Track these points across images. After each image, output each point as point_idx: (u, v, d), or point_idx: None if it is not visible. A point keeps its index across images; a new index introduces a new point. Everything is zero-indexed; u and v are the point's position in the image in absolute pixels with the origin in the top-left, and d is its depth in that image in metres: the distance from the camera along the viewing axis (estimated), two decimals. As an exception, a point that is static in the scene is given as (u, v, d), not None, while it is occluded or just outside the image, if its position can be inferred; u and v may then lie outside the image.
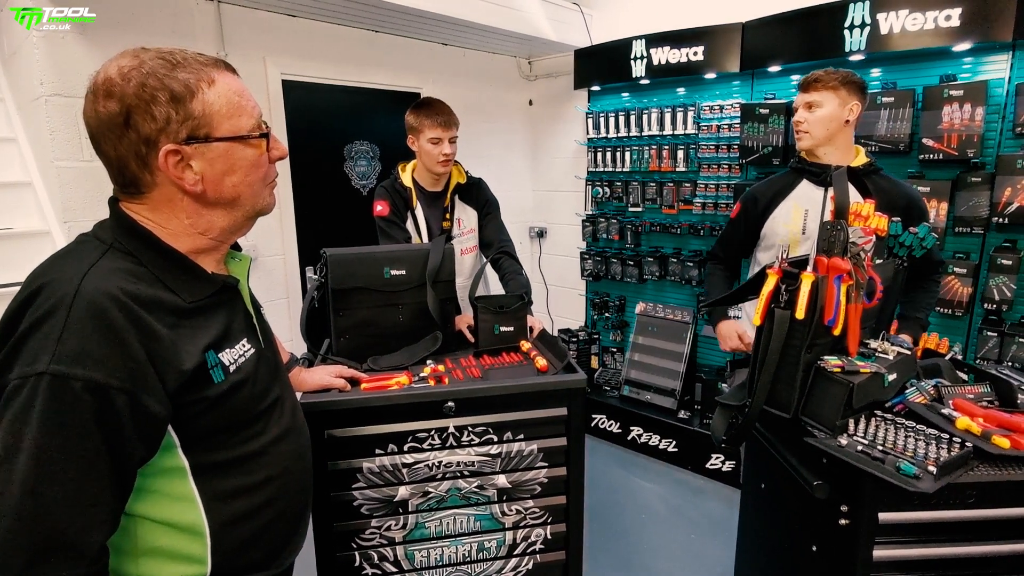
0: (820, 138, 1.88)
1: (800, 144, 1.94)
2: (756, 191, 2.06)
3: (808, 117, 1.88)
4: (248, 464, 0.89)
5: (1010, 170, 2.28)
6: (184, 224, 0.86)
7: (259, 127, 0.88)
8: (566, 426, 1.56)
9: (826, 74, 1.89)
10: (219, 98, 0.82)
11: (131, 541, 0.81)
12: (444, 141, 2.03)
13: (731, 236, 2.16)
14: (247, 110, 0.86)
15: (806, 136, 1.90)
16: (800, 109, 1.92)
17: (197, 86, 0.80)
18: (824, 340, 1.28)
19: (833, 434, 1.21)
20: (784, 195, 1.98)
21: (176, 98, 0.79)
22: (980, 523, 1.12)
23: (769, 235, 2.01)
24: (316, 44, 3.10)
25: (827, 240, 1.25)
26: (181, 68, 0.80)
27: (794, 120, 1.94)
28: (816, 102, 1.87)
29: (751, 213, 2.05)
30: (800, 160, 1.99)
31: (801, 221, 1.94)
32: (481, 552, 1.58)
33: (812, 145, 1.90)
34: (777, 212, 1.98)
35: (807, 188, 1.96)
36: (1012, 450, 1.12)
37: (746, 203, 2.07)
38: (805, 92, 1.91)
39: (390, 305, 1.70)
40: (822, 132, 1.87)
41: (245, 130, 0.86)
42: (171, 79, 0.78)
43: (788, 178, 2.02)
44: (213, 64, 0.84)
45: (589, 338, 3.84)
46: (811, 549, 1.27)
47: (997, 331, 2.40)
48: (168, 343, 0.77)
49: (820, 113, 1.86)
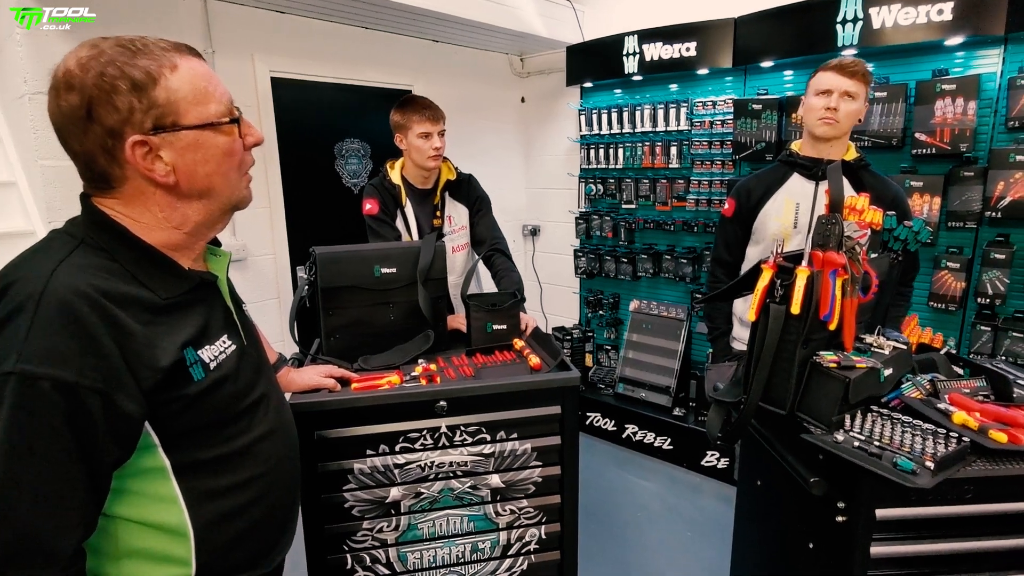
0: (845, 130, 1.81)
1: (821, 130, 1.82)
2: (747, 185, 2.02)
3: (843, 107, 1.77)
4: (232, 463, 0.87)
5: (1003, 164, 2.28)
6: (158, 218, 0.83)
7: (229, 112, 0.85)
8: (560, 424, 1.54)
9: (866, 66, 1.80)
10: (183, 84, 0.79)
11: (112, 543, 0.79)
12: (434, 135, 2.01)
13: (732, 234, 2.07)
14: (215, 95, 0.83)
15: (835, 127, 1.79)
16: (836, 95, 1.78)
17: (159, 73, 0.77)
18: (820, 335, 1.27)
19: (829, 430, 1.19)
20: (775, 189, 1.95)
21: (138, 86, 0.76)
22: (978, 518, 1.11)
23: (760, 229, 1.98)
24: (305, 41, 3.06)
25: (822, 234, 1.23)
26: (141, 55, 0.77)
27: (827, 105, 1.79)
28: (855, 93, 1.78)
29: (744, 207, 2.01)
30: (791, 153, 1.96)
31: (792, 215, 1.91)
32: (475, 553, 1.56)
33: (835, 135, 1.82)
34: (769, 206, 1.95)
35: (798, 181, 1.93)
36: (1009, 444, 1.11)
37: (739, 198, 2.03)
38: (848, 78, 1.77)
39: (381, 304, 1.67)
40: (848, 125, 1.81)
41: (214, 116, 0.83)
42: (131, 67, 0.76)
43: (779, 172, 1.98)
44: (175, 49, 0.81)
45: (583, 336, 3.82)
46: (808, 546, 1.25)
47: (991, 325, 2.39)
48: (142, 340, 0.75)
49: (855, 106, 1.79)
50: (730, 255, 2.10)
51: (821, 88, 1.81)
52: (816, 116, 1.82)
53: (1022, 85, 2.24)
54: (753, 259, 2.03)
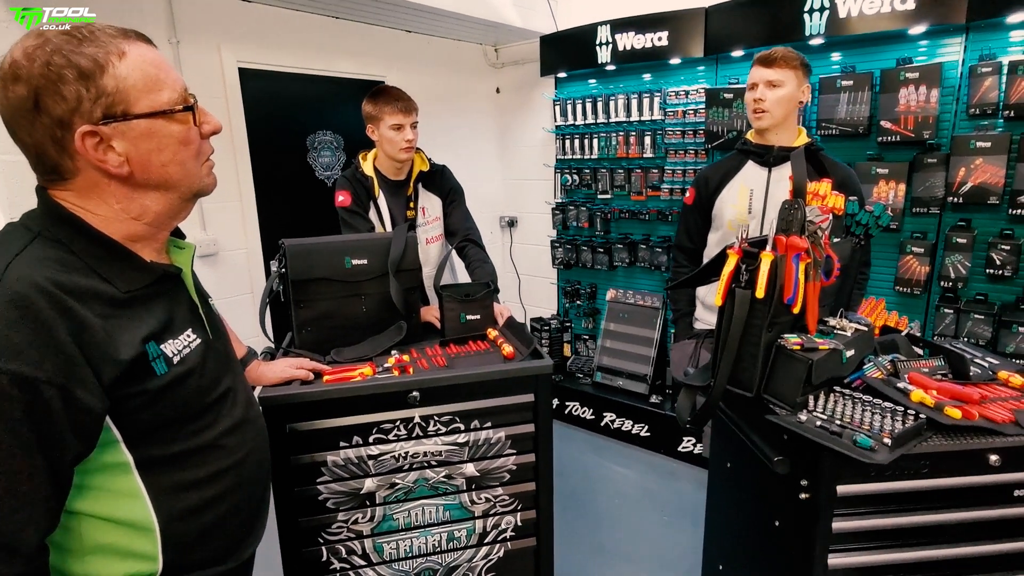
0: (779, 118, 1.89)
1: (759, 123, 1.93)
2: (706, 174, 2.10)
3: (769, 95, 1.86)
4: (198, 457, 0.86)
5: (964, 151, 2.34)
6: (115, 209, 0.81)
7: (183, 100, 0.83)
8: (534, 412, 1.55)
9: (788, 52, 1.88)
10: (133, 71, 0.78)
11: (76, 540, 0.78)
12: (406, 127, 1.99)
13: (692, 222, 2.16)
14: (167, 82, 0.81)
15: (766, 116, 1.89)
16: (760, 86, 1.88)
17: (107, 60, 0.76)
18: (784, 318, 1.29)
19: (794, 411, 1.22)
20: (731, 176, 2.02)
21: (85, 75, 0.74)
22: (934, 492, 1.15)
23: (718, 216, 2.05)
24: (274, 31, 3.01)
25: (785, 219, 1.25)
26: (88, 42, 0.75)
27: (753, 98, 1.90)
28: (779, 81, 1.86)
29: (703, 195, 2.08)
30: (745, 142, 2.03)
31: (747, 201, 1.98)
32: (451, 542, 1.57)
33: (770, 124, 1.90)
34: (725, 193, 2.02)
35: (752, 169, 2.00)
36: (963, 420, 1.15)
37: (698, 186, 2.10)
38: (767, 68, 1.87)
39: (353, 296, 1.66)
40: (781, 112, 1.88)
41: (166, 104, 0.81)
42: (77, 55, 0.74)
43: (735, 160, 2.05)
44: (123, 35, 0.79)
45: (561, 326, 3.84)
46: (774, 524, 1.29)
47: (953, 308, 2.46)
48: (102, 334, 0.74)
49: (781, 92, 1.86)
50: (691, 242, 2.18)
51: (749, 82, 1.93)
52: (750, 110, 1.93)
53: (983, 73, 2.29)
54: (713, 245, 2.10)
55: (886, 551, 1.17)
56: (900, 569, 1.18)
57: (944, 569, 1.19)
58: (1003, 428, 1.15)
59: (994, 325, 2.36)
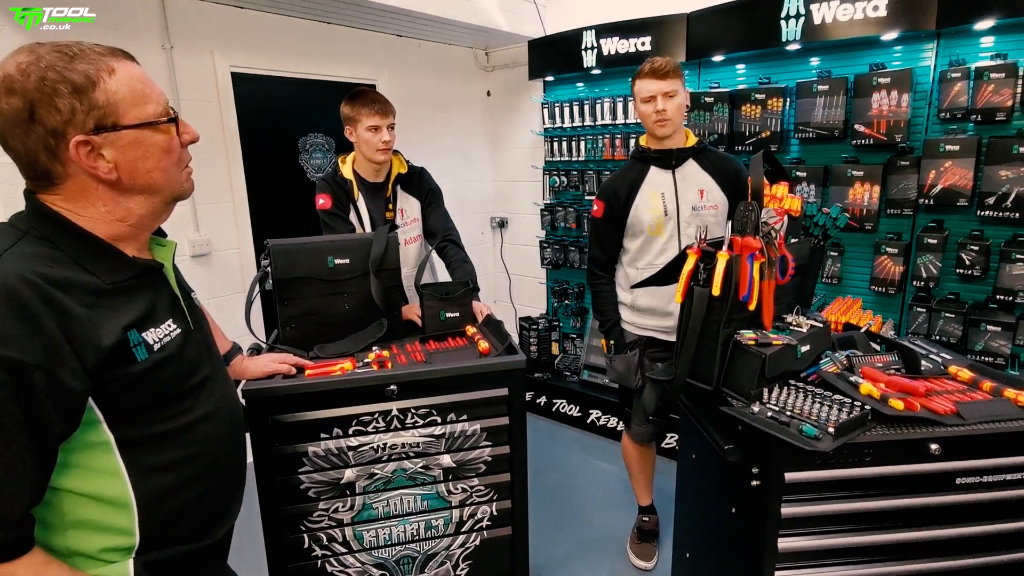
0: (679, 124, 2.03)
1: (663, 131, 2.03)
2: (613, 185, 2.16)
3: (668, 105, 1.98)
4: (175, 440, 0.93)
5: (934, 154, 2.40)
6: (101, 212, 0.88)
7: (166, 112, 0.91)
8: (508, 405, 1.61)
9: (674, 63, 2.00)
10: (121, 86, 0.85)
11: (58, 515, 0.85)
12: (383, 128, 2.05)
13: (605, 234, 2.20)
14: (152, 97, 0.89)
15: (669, 123, 2.00)
16: (660, 98, 1.98)
17: (97, 76, 0.83)
18: (741, 315, 1.36)
19: (748, 402, 1.29)
20: (639, 184, 2.10)
21: (78, 89, 0.81)
22: (877, 479, 1.21)
23: (635, 223, 2.12)
24: (266, 36, 3.08)
25: (740, 221, 1.32)
26: (79, 59, 0.82)
27: (655, 109, 2.00)
28: (672, 91, 1.98)
29: (615, 207, 2.14)
30: (643, 149, 2.13)
31: (661, 204, 2.07)
32: (429, 530, 1.63)
33: (673, 131, 2.03)
34: (638, 201, 2.10)
35: (657, 173, 2.10)
36: (905, 411, 1.21)
37: (608, 199, 2.15)
38: (662, 80, 1.97)
39: (335, 294, 1.73)
40: (679, 119, 2.03)
41: (152, 116, 0.89)
42: (70, 71, 0.81)
43: (636, 168, 2.14)
44: (111, 54, 0.86)
45: (550, 325, 3.91)
46: (731, 511, 1.35)
47: (926, 307, 2.53)
48: (85, 321, 0.80)
49: (678, 101, 2.00)
50: (605, 253, 2.24)
51: (644, 96, 2.02)
52: (651, 121, 2.03)
53: (952, 78, 2.36)
54: (634, 251, 2.17)
55: (834, 535, 1.24)
56: (847, 552, 1.25)
57: (891, 553, 1.25)
58: (944, 419, 1.21)
59: (964, 324, 2.43)
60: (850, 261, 2.79)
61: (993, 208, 2.31)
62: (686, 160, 2.09)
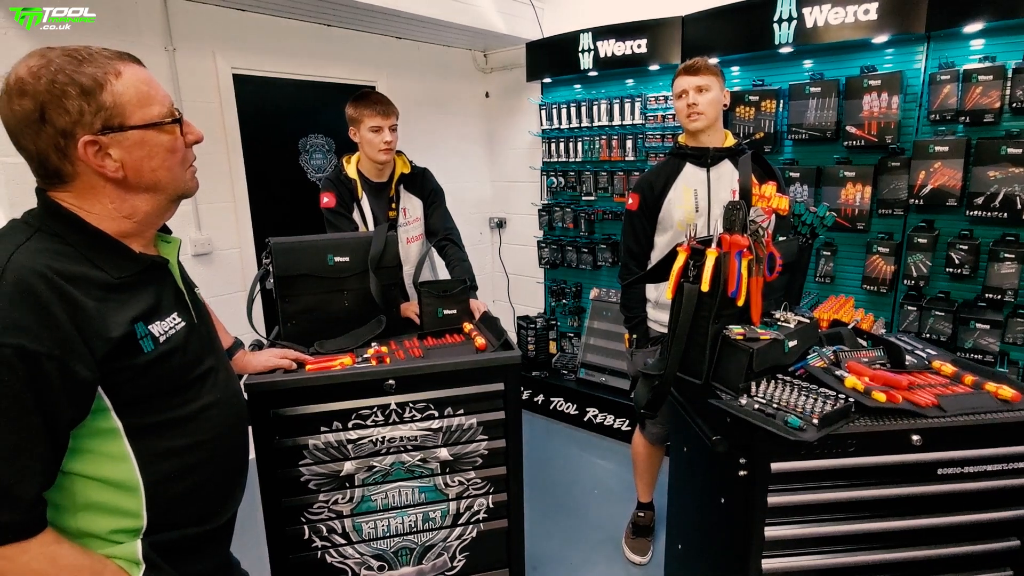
0: (712, 119, 2.05)
1: (693, 125, 2.06)
2: (648, 179, 2.19)
3: (700, 99, 2.01)
4: (180, 427, 0.96)
5: (924, 155, 2.45)
6: (108, 209, 0.92)
7: (171, 113, 0.95)
8: (503, 400, 1.65)
9: (708, 61, 2.04)
10: (128, 88, 0.89)
11: (69, 498, 0.88)
12: (385, 129, 2.10)
13: (640, 226, 2.23)
14: (157, 98, 0.93)
15: (701, 118, 2.03)
16: (691, 92, 2.02)
17: (105, 79, 0.87)
18: (730, 311, 1.40)
19: (736, 395, 1.33)
20: (674, 179, 2.14)
21: (86, 91, 0.85)
22: (860, 469, 1.25)
23: (666, 218, 2.15)
24: (267, 38, 3.12)
25: (728, 219, 1.36)
26: (87, 63, 0.86)
27: (686, 103, 2.04)
28: (706, 85, 2.02)
29: (649, 199, 2.17)
30: (680, 146, 2.16)
31: (693, 200, 2.10)
32: (427, 522, 1.67)
33: (704, 126, 2.05)
34: (671, 195, 2.13)
35: (692, 170, 2.13)
36: (888, 403, 1.25)
37: (643, 191, 2.19)
38: (693, 76, 2.02)
39: (335, 291, 1.76)
40: (713, 113, 2.04)
41: (157, 117, 0.93)
42: (79, 74, 0.85)
43: (672, 164, 2.17)
44: (118, 57, 0.90)
45: (547, 324, 3.95)
46: (720, 501, 1.39)
47: (916, 305, 2.57)
48: (94, 314, 0.84)
49: (710, 96, 2.02)
50: (639, 246, 2.27)
51: (677, 92, 2.08)
52: (684, 115, 2.07)
53: (941, 81, 2.40)
54: (662, 246, 2.21)
55: (818, 524, 1.27)
56: (832, 541, 1.29)
57: (875, 542, 1.29)
58: (925, 411, 1.25)
59: (954, 322, 2.47)
60: (842, 260, 2.84)
61: (982, 208, 2.35)
62: (722, 160, 2.11)
